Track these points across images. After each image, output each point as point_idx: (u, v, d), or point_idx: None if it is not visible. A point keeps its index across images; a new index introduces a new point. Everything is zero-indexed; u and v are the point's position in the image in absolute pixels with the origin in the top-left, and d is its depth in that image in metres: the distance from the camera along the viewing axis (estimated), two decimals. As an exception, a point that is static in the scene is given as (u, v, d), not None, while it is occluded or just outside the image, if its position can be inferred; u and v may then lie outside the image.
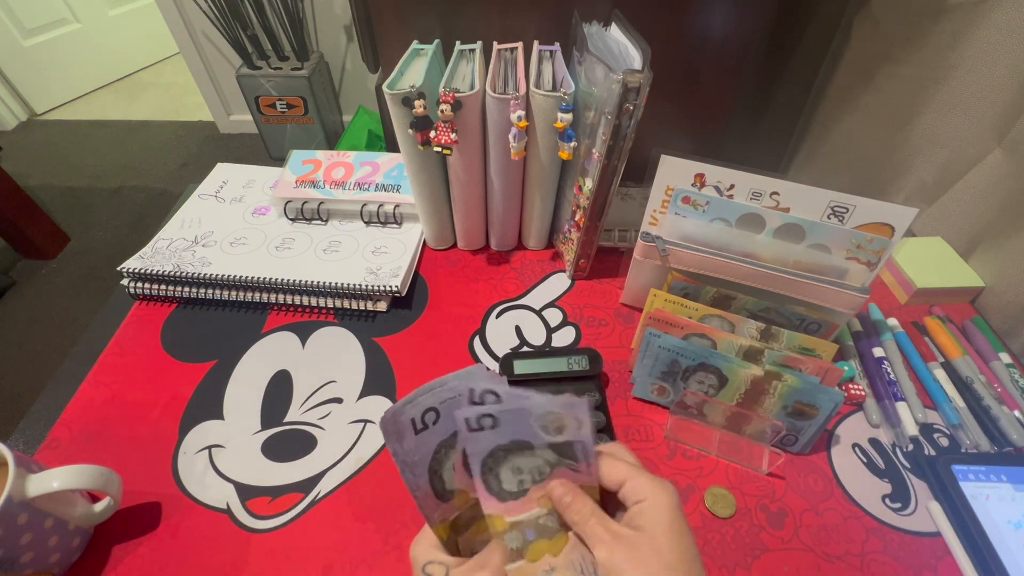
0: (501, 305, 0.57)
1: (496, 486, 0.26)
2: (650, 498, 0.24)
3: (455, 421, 0.26)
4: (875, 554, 0.39)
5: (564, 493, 0.26)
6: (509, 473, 0.26)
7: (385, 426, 0.25)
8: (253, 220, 0.64)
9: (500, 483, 0.26)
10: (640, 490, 0.25)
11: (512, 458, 0.26)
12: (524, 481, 0.26)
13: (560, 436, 0.26)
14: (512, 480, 0.26)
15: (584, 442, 0.26)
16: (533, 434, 0.26)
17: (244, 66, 1.71)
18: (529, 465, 0.26)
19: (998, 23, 0.55)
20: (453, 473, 0.27)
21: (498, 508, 0.26)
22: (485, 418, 0.25)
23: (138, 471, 0.42)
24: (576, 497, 0.26)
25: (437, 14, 0.66)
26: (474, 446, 0.25)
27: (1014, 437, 0.44)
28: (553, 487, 0.26)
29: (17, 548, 0.33)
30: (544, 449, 0.26)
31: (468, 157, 0.52)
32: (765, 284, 0.46)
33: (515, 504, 0.26)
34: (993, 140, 0.57)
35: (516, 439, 0.26)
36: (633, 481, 0.25)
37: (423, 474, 0.26)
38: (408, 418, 0.25)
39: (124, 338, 0.53)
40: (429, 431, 0.26)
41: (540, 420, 0.26)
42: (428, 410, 0.26)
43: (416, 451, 0.26)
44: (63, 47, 2.22)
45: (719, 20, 0.66)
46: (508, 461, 0.26)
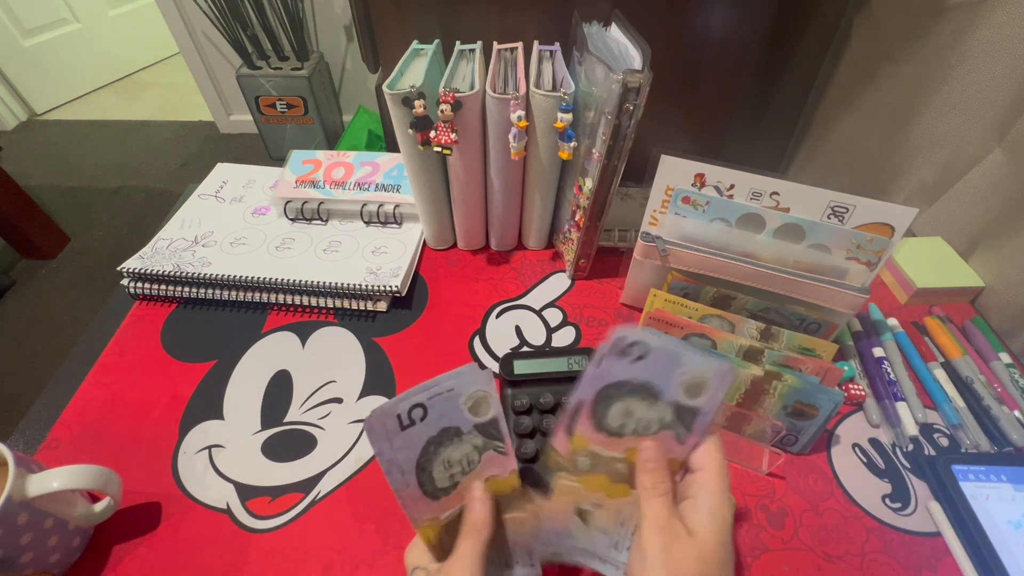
0: (501, 305, 0.57)
1: (602, 415, 0.27)
2: (712, 504, 0.24)
3: (445, 417, 0.26)
4: (875, 554, 0.39)
5: (651, 458, 0.26)
6: (617, 415, 0.27)
7: (371, 426, 0.25)
8: (253, 220, 0.64)
9: (607, 417, 0.27)
10: (710, 490, 0.25)
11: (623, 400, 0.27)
12: (626, 426, 0.27)
13: (694, 400, 0.26)
14: (618, 419, 0.27)
15: (708, 416, 0.26)
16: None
17: (244, 66, 1.71)
18: (640, 413, 0.27)
19: (998, 23, 0.55)
20: (444, 471, 0.27)
21: (592, 435, 0.27)
22: (416, 409, 0.26)
23: (138, 471, 0.42)
24: (659, 466, 0.26)
25: (437, 14, 0.66)
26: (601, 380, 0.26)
27: (1014, 437, 0.44)
28: (645, 447, 0.26)
29: (17, 548, 0.33)
30: (668, 407, 0.27)
31: (468, 157, 0.52)
32: (765, 284, 0.46)
33: (608, 440, 0.27)
34: (993, 140, 0.57)
35: (648, 382, 0.26)
36: (711, 478, 0.25)
37: (410, 472, 0.26)
38: (394, 415, 0.25)
39: (124, 338, 0.53)
40: (416, 427, 0.26)
41: (684, 376, 0.26)
42: (415, 406, 0.26)
43: (404, 448, 0.26)
44: (63, 47, 2.22)
45: (719, 20, 0.66)
46: (621, 401, 0.26)
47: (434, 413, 0.26)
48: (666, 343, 0.25)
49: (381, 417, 0.25)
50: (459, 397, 0.27)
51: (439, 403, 0.26)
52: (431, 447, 0.27)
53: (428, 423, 0.26)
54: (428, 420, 0.26)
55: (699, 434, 0.26)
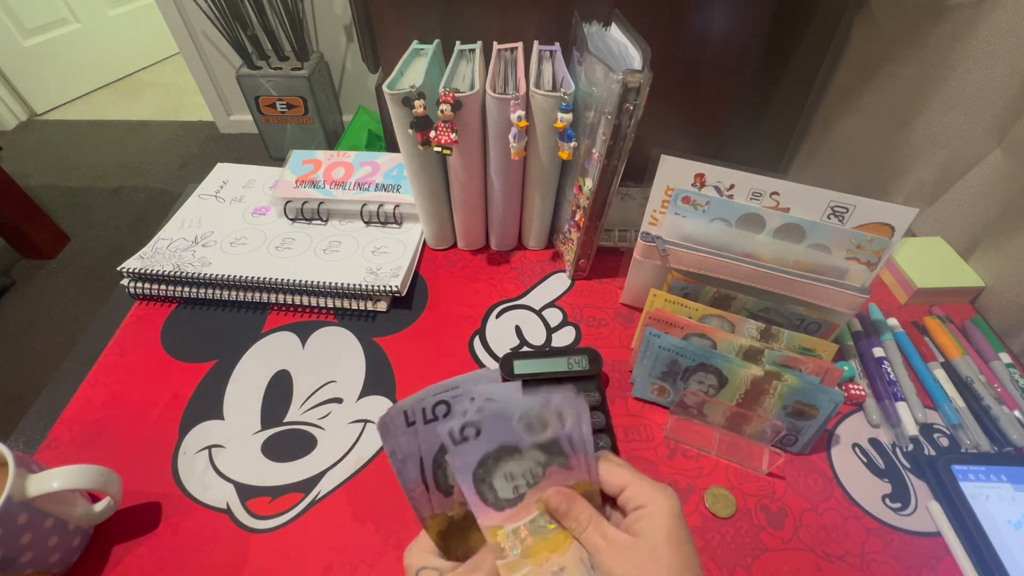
0: (501, 305, 0.57)
1: (492, 496, 0.26)
2: (650, 504, 0.24)
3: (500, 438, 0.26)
4: (875, 554, 0.39)
5: (560, 502, 0.26)
6: (503, 480, 0.26)
7: (384, 425, 0.25)
8: (253, 220, 0.64)
9: (495, 492, 0.26)
10: (640, 495, 0.25)
11: (502, 464, 0.26)
12: (519, 487, 0.26)
13: (545, 434, 0.26)
14: (507, 487, 0.26)
15: (570, 435, 0.26)
16: (518, 436, 0.26)
17: (244, 66, 1.71)
18: (521, 469, 0.26)
19: (998, 23, 0.55)
20: (505, 482, 0.27)
21: (496, 518, 0.26)
22: (468, 428, 0.25)
23: (138, 471, 0.42)
24: (572, 504, 0.26)
25: (437, 14, 0.66)
26: (462, 459, 0.25)
27: (1014, 437, 0.44)
28: (548, 497, 0.26)
29: (17, 548, 0.33)
30: (532, 450, 0.26)
31: (468, 157, 0.52)
32: (765, 284, 0.46)
33: (513, 511, 0.26)
34: (993, 140, 0.57)
35: (503, 444, 0.26)
36: (634, 486, 0.25)
37: (428, 466, 0.26)
38: (418, 409, 0.25)
39: (124, 338, 0.53)
40: (439, 422, 0.26)
41: (522, 420, 0.26)
42: (439, 403, 0.26)
43: (424, 441, 0.26)
44: (63, 47, 2.22)
45: (719, 20, 0.66)
46: (499, 468, 0.26)
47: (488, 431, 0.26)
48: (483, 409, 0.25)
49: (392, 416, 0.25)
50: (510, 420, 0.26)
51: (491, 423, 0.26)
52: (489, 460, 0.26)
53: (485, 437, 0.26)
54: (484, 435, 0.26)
55: (578, 452, 0.26)
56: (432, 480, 0.26)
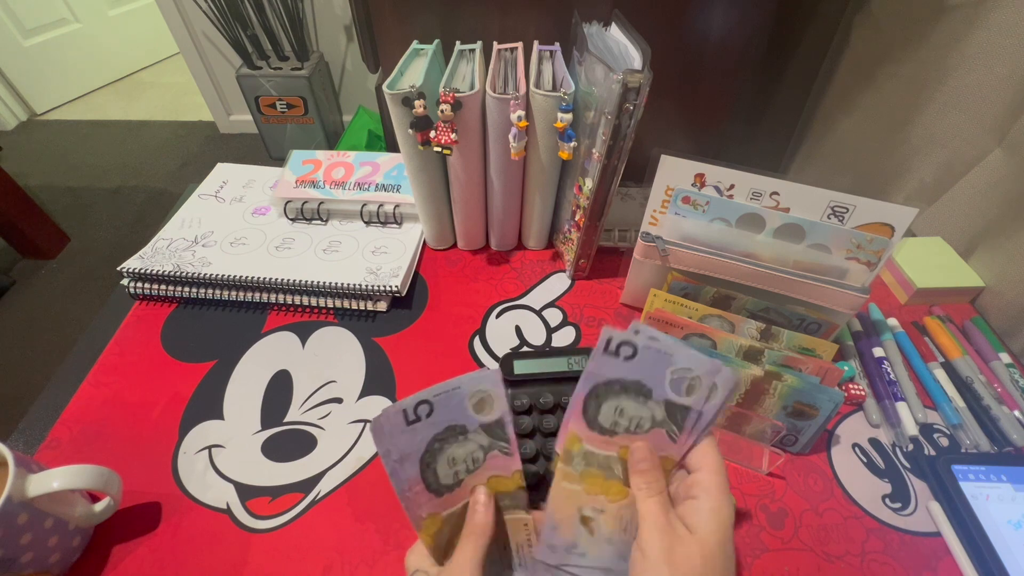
0: (501, 305, 0.57)
1: (594, 414, 0.27)
2: (713, 502, 0.24)
3: (451, 415, 0.27)
4: (875, 554, 0.39)
5: (643, 458, 0.26)
6: (445, 465, 0.27)
7: (376, 428, 0.25)
8: (253, 220, 0.64)
9: (599, 415, 0.27)
10: (710, 489, 0.24)
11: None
12: (619, 424, 0.27)
13: (686, 398, 0.26)
14: (610, 417, 0.27)
15: (703, 415, 0.26)
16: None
17: (244, 66, 1.71)
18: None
19: (998, 23, 0.55)
20: (448, 468, 0.27)
21: (585, 433, 0.27)
22: (422, 405, 0.26)
23: (138, 471, 0.42)
24: (652, 466, 0.26)
25: (437, 14, 0.66)
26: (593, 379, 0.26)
27: (1014, 437, 0.44)
28: (637, 447, 0.26)
29: (17, 548, 0.33)
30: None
31: (468, 157, 0.52)
32: (765, 284, 0.46)
33: (601, 438, 0.27)
34: (993, 140, 0.57)
35: (639, 380, 0.26)
36: (710, 476, 0.25)
37: (414, 467, 0.26)
38: (399, 411, 0.26)
39: (124, 338, 0.53)
40: (422, 423, 0.26)
41: (676, 373, 0.25)
42: (421, 403, 0.26)
43: (409, 443, 0.26)
44: (63, 47, 2.22)
45: (719, 20, 0.66)
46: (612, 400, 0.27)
47: (440, 410, 0.26)
48: (656, 343, 0.25)
49: (389, 416, 0.25)
50: (464, 396, 0.27)
51: (445, 400, 0.26)
52: (436, 443, 0.27)
53: (434, 420, 0.26)
54: (434, 417, 0.26)
55: (693, 433, 0.26)
56: (422, 481, 0.27)
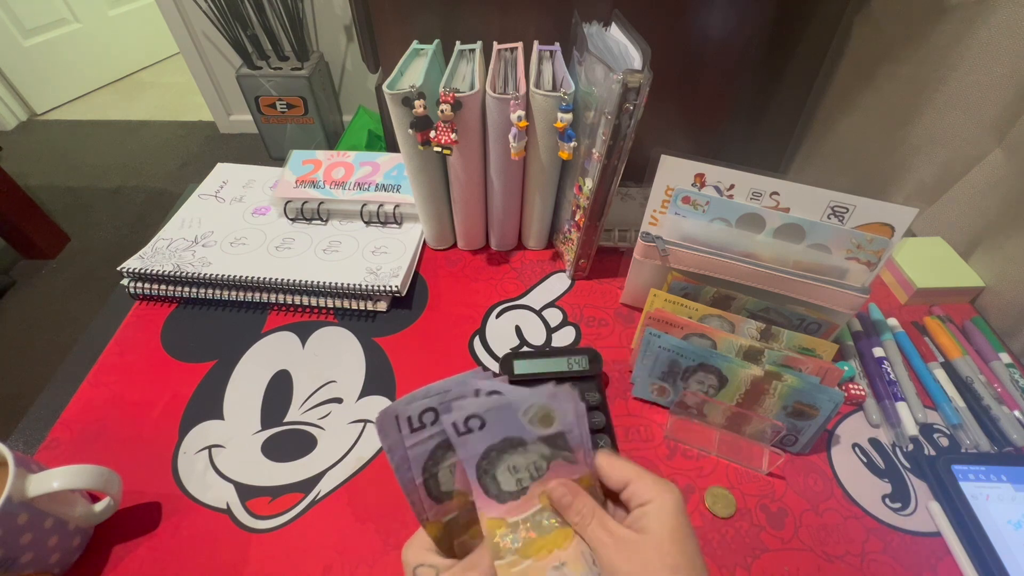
0: (501, 305, 0.57)
1: (495, 488, 0.26)
2: (656, 500, 0.24)
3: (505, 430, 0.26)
4: (875, 554, 0.39)
5: (564, 494, 0.26)
6: (506, 473, 0.26)
7: (381, 424, 0.25)
8: (253, 220, 0.64)
9: (498, 484, 0.26)
10: (644, 491, 0.25)
11: (506, 457, 0.26)
12: (522, 480, 0.26)
13: (549, 428, 0.26)
14: (510, 480, 0.26)
15: (574, 430, 0.26)
16: (523, 429, 0.26)
17: (244, 66, 1.71)
18: (525, 462, 0.26)
19: (998, 23, 0.55)
20: (450, 475, 0.27)
21: (499, 510, 0.26)
22: (472, 419, 0.25)
23: (138, 471, 0.42)
24: (576, 497, 0.26)
25: (437, 14, 0.66)
26: (465, 450, 0.25)
27: (1014, 437, 0.44)
28: (552, 488, 0.26)
29: (17, 548, 0.33)
30: (537, 443, 0.26)
31: (468, 157, 0.52)
32: (765, 284, 0.46)
33: (516, 504, 0.26)
34: (993, 140, 0.57)
35: (507, 436, 0.26)
36: (637, 482, 0.25)
37: (418, 474, 0.26)
38: (405, 416, 0.25)
39: (124, 338, 0.53)
40: (426, 430, 0.26)
41: (527, 414, 0.26)
42: (426, 410, 0.26)
43: (412, 450, 0.26)
44: (63, 47, 2.22)
45: (719, 20, 0.66)
46: (503, 461, 0.26)
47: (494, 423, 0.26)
48: (489, 402, 0.25)
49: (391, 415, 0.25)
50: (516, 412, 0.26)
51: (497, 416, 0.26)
52: (439, 451, 0.26)
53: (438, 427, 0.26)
54: (438, 424, 0.26)
55: (582, 447, 0.26)
56: (423, 487, 0.26)
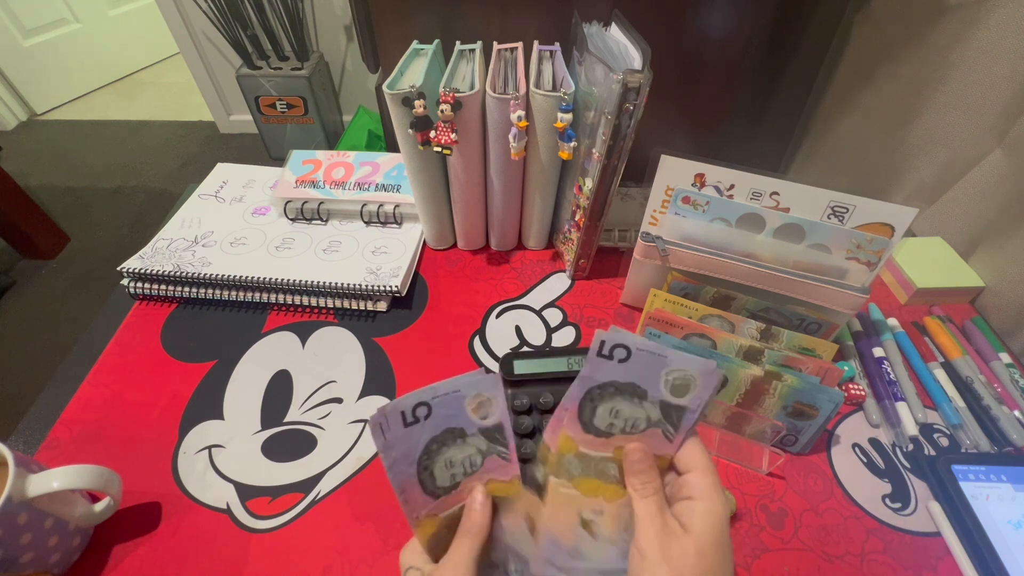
0: (501, 305, 0.57)
1: (589, 416, 0.27)
2: (708, 503, 0.24)
3: (449, 418, 0.26)
4: (875, 554, 0.39)
5: (640, 459, 0.26)
6: (442, 468, 0.27)
7: (374, 424, 0.25)
8: (253, 220, 0.64)
9: (594, 418, 0.27)
10: (703, 489, 0.25)
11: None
12: (614, 425, 0.27)
13: (681, 398, 0.26)
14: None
15: (694, 414, 0.26)
16: (655, 385, 0.26)
17: (244, 66, 1.71)
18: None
19: (998, 23, 0.55)
20: (445, 470, 0.27)
21: (580, 436, 0.27)
22: (619, 348, 0.25)
23: (138, 471, 0.42)
24: (648, 467, 0.26)
25: (437, 14, 0.66)
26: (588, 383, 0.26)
27: (1014, 437, 0.44)
28: (632, 449, 0.26)
29: (17, 548, 0.33)
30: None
31: (468, 157, 0.52)
32: (765, 284, 0.46)
33: (596, 440, 0.27)
34: (993, 140, 0.57)
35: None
36: (701, 477, 0.25)
37: (411, 468, 0.26)
38: (397, 411, 0.26)
39: (124, 338, 0.53)
40: (419, 425, 0.26)
41: (670, 375, 0.26)
42: (419, 404, 0.26)
43: (405, 445, 0.26)
44: (63, 47, 2.22)
45: (719, 20, 0.66)
46: (607, 402, 0.27)
47: (439, 413, 0.26)
48: (649, 344, 0.25)
49: (386, 414, 0.25)
50: (463, 399, 0.27)
51: (443, 403, 0.26)
52: (433, 445, 0.27)
53: (432, 422, 0.26)
54: (432, 419, 0.26)
55: (685, 431, 0.26)
56: (419, 482, 0.27)
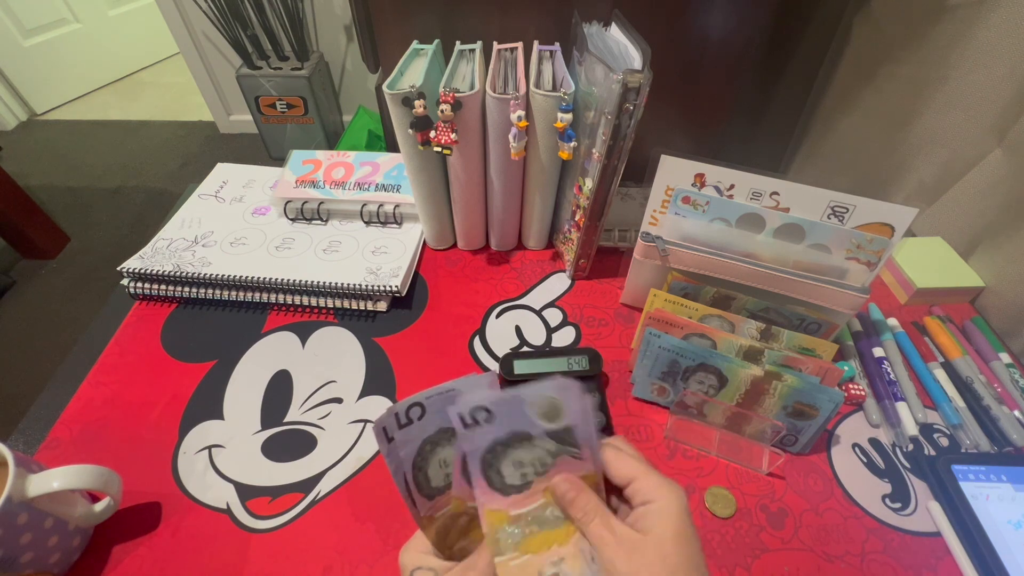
0: (501, 305, 0.57)
1: (499, 481, 0.26)
2: (659, 500, 0.24)
3: (443, 417, 0.26)
4: (875, 554, 0.39)
5: (567, 490, 0.25)
6: (511, 467, 0.26)
7: (376, 430, 0.25)
8: (253, 220, 0.64)
9: (502, 478, 0.26)
10: (649, 490, 0.24)
11: (512, 451, 0.26)
12: (527, 474, 0.26)
13: (557, 422, 0.26)
14: (514, 474, 0.26)
15: (582, 426, 0.26)
16: (531, 423, 0.25)
17: (244, 66, 1.71)
18: (530, 457, 0.26)
19: (998, 23, 0.55)
20: (439, 470, 0.27)
21: (502, 503, 0.26)
22: (479, 411, 0.25)
23: (138, 471, 0.42)
24: (580, 493, 0.25)
25: (437, 14, 0.66)
26: (471, 443, 0.25)
27: (1014, 437, 0.44)
28: (556, 483, 0.26)
29: (17, 548, 0.33)
30: (544, 439, 0.26)
31: (468, 157, 0.52)
32: (765, 284, 0.46)
33: (519, 497, 0.26)
34: (993, 140, 0.57)
35: (514, 431, 0.25)
36: (643, 480, 0.25)
37: (409, 471, 0.26)
38: (392, 414, 0.25)
39: (124, 338, 0.53)
40: (413, 426, 0.26)
41: (535, 407, 0.25)
42: (413, 405, 0.26)
43: (401, 447, 0.26)
44: (63, 47, 2.22)
45: (719, 20, 0.66)
46: (508, 455, 0.26)
47: (432, 414, 0.26)
48: (500, 394, 0.25)
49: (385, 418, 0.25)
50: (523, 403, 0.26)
51: (437, 403, 0.26)
52: (427, 446, 0.27)
53: (424, 423, 0.26)
54: (424, 420, 0.26)
55: (589, 444, 0.26)
56: (414, 484, 0.26)
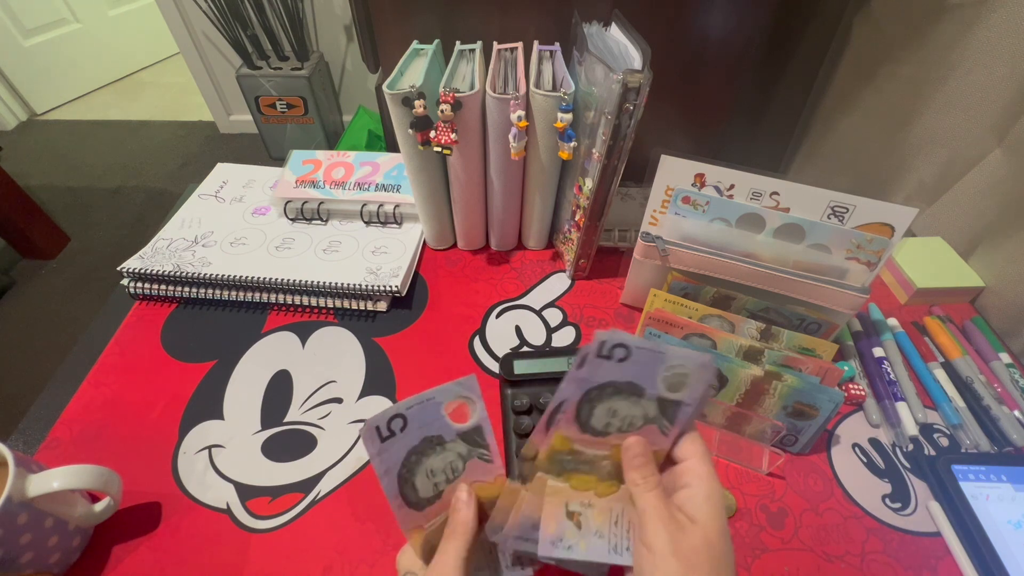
0: (501, 305, 0.57)
1: (413, 496, 0.27)
2: (706, 487, 0.25)
3: (426, 427, 0.27)
4: (875, 554, 0.39)
5: (640, 453, 0.26)
6: (424, 477, 0.27)
7: (365, 435, 0.25)
8: (253, 220, 0.64)
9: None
10: (700, 475, 0.25)
11: (425, 460, 0.27)
12: (611, 424, 0.27)
13: (677, 393, 0.26)
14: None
15: (691, 407, 0.26)
16: (652, 382, 0.26)
17: (244, 66, 1.71)
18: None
19: (998, 23, 0.55)
20: (427, 480, 0.27)
21: (577, 436, 0.27)
22: (618, 348, 0.25)
23: (138, 471, 0.42)
24: (647, 461, 0.26)
25: (437, 14, 0.66)
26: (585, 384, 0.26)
27: (1014, 437, 0.44)
28: (632, 442, 0.27)
29: (17, 548, 0.33)
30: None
31: (468, 157, 0.52)
32: (765, 284, 0.46)
33: (593, 439, 0.27)
34: (993, 140, 0.57)
35: (632, 381, 0.26)
36: (699, 464, 0.25)
37: (393, 482, 0.26)
38: (373, 427, 0.25)
39: (124, 338, 0.53)
40: (396, 438, 0.26)
41: (667, 372, 0.26)
42: (394, 417, 0.26)
43: (386, 459, 0.26)
44: (63, 47, 2.22)
45: (719, 20, 0.66)
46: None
47: (414, 423, 0.26)
48: (647, 342, 0.25)
49: (369, 427, 0.26)
50: (440, 406, 0.27)
51: (418, 412, 0.26)
52: (412, 457, 0.27)
53: (408, 433, 0.26)
54: (408, 430, 0.26)
55: (681, 425, 0.27)
56: (401, 496, 0.27)
